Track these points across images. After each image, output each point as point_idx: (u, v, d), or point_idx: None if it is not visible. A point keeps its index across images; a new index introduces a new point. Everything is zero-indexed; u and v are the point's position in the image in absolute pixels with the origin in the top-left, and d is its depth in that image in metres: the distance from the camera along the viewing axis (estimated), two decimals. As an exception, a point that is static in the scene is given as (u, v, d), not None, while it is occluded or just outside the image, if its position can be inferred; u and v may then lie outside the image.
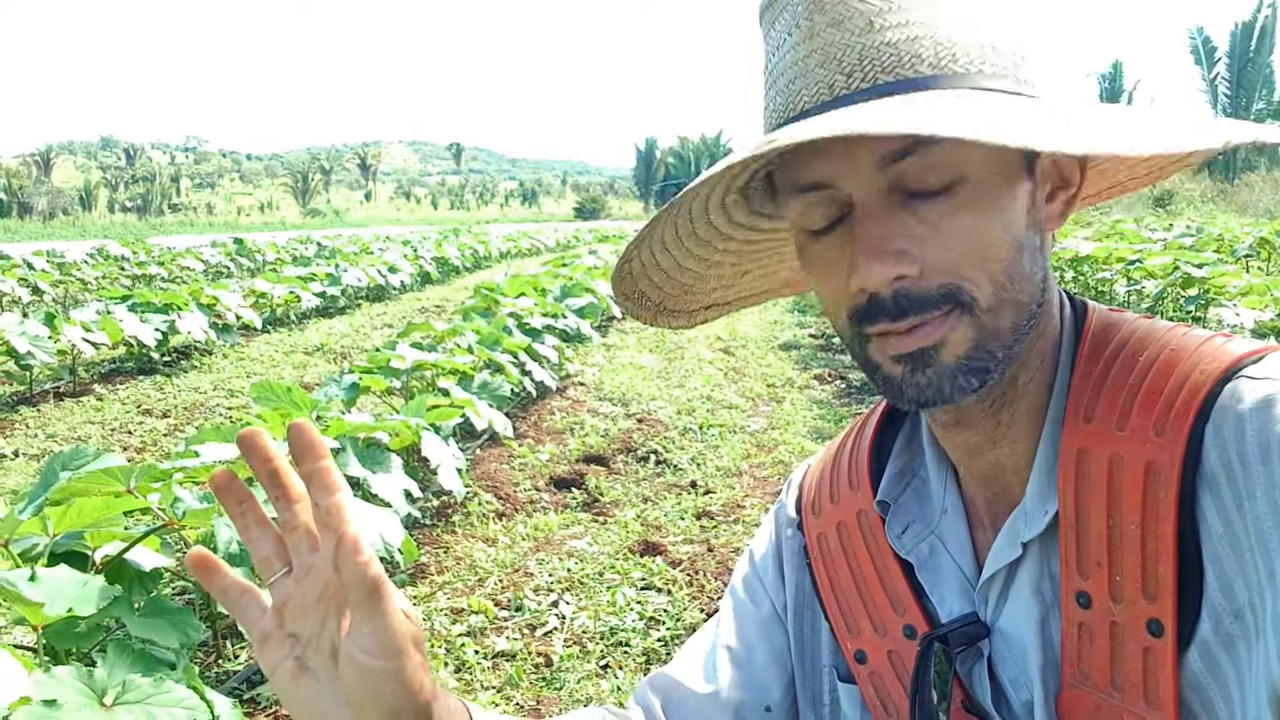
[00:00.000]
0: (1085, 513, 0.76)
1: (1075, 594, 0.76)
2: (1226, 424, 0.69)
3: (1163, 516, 0.71)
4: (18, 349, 6.45)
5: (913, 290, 0.72)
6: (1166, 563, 0.71)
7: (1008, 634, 0.84)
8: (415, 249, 19.68)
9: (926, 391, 0.75)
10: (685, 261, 0.92)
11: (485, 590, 3.70)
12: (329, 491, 0.68)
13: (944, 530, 0.90)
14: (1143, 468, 0.73)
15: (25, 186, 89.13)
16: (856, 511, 0.96)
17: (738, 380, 7.69)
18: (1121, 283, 11.23)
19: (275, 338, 10.63)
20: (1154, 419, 0.73)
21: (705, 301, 0.99)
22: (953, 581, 0.89)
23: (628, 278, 0.90)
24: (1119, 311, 0.84)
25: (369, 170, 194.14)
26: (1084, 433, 0.77)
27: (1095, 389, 0.78)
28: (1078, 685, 0.77)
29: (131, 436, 6.32)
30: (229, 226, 70.35)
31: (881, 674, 0.93)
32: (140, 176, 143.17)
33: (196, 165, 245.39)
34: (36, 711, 1.57)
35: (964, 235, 0.72)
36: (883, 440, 0.98)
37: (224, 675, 3.01)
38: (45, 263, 16.00)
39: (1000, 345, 0.75)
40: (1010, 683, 0.84)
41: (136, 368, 8.58)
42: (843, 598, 0.96)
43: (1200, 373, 0.73)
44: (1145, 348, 0.78)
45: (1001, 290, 0.73)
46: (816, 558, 0.99)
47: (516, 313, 7.25)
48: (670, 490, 4.90)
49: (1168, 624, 0.71)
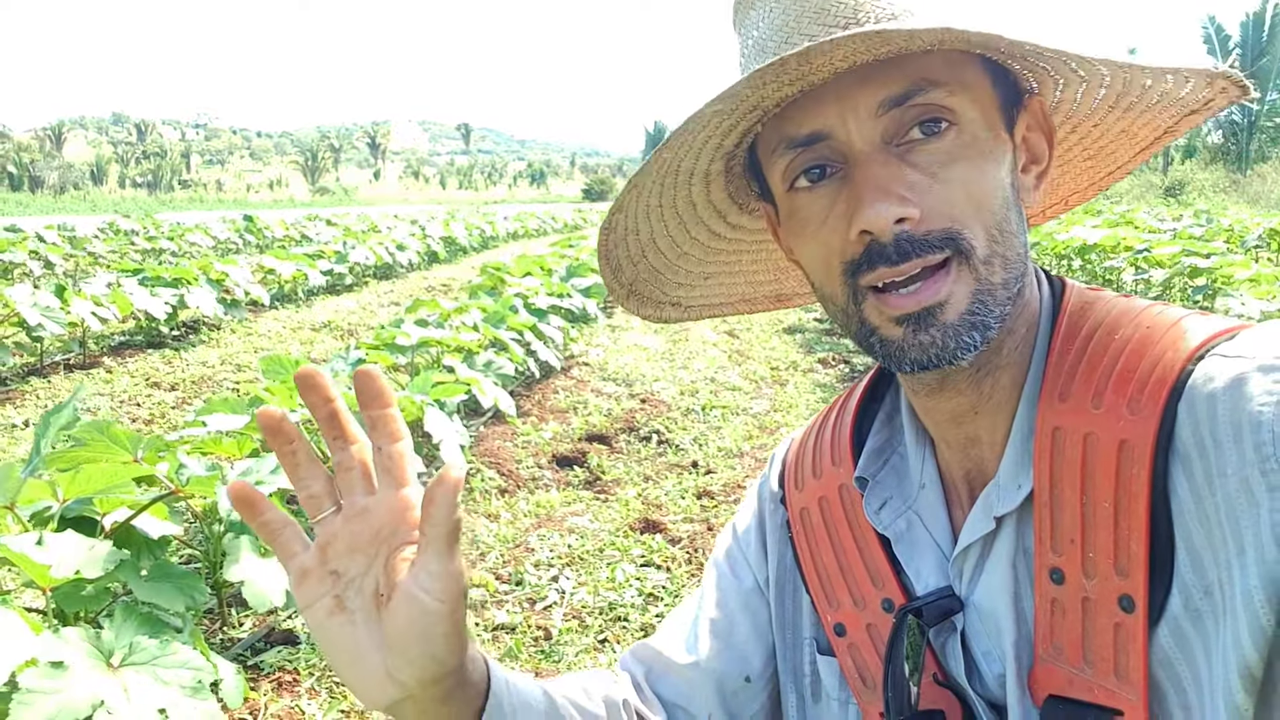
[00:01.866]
0: (1060, 490, 0.77)
1: (1049, 570, 0.77)
2: (1199, 402, 0.70)
3: (1135, 493, 0.72)
4: (29, 320, 6.49)
5: (914, 233, 0.73)
6: (1139, 539, 0.71)
7: (981, 608, 0.84)
8: (423, 228, 19.67)
9: (930, 351, 0.76)
10: (660, 240, 0.94)
11: (487, 564, 3.75)
12: (393, 439, 0.69)
13: (921, 505, 0.91)
14: (1116, 445, 0.73)
15: (37, 160, 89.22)
16: (838, 486, 0.97)
17: (741, 363, 7.71)
18: (1129, 271, 11.21)
19: (283, 314, 10.68)
20: (1128, 397, 0.74)
21: (670, 296, 1.02)
22: (929, 555, 0.90)
23: (611, 234, 0.91)
24: (1096, 290, 0.86)
25: (378, 149, 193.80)
26: (1059, 410, 0.78)
27: (1071, 367, 0.79)
28: (1050, 660, 0.78)
29: (140, 409, 6.37)
30: (238, 204, 70.36)
31: (860, 646, 0.94)
32: (151, 152, 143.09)
33: (207, 142, 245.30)
34: (44, 672, 1.61)
35: (959, 183, 0.74)
36: (865, 416, 0.99)
37: (229, 642, 3.06)
38: (57, 236, 16.05)
39: (995, 302, 0.76)
40: (983, 656, 0.85)
41: (146, 341, 8.64)
42: (823, 571, 0.97)
43: (1174, 351, 0.74)
44: (1121, 326, 0.78)
45: (994, 241, 0.75)
46: (798, 532, 1.01)
47: (523, 292, 7.28)
48: (672, 470, 4.94)
49: (1139, 599, 0.71)
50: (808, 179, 0.78)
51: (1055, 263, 13.93)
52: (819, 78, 0.73)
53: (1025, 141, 0.83)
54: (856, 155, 0.75)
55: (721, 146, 0.83)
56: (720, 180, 0.91)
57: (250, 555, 2.59)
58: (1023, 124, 0.82)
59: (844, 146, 0.75)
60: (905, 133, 0.75)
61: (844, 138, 0.75)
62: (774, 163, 0.80)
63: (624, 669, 1.05)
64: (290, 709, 2.71)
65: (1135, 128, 0.89)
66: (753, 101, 0.74)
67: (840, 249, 0.77)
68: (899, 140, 0.75)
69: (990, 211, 0.75)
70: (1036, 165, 0.85)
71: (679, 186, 0.88)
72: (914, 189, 0.74)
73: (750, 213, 0.97)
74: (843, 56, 0.69)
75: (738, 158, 0.89)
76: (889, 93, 0.73)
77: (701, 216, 0.95)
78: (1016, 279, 0.78)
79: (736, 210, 0.96)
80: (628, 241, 0.93)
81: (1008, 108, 0.80)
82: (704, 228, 0.96)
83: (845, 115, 0.74)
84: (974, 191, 0.75)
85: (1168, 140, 0.89)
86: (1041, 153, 0.85)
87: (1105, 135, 0.92)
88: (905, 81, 0.73)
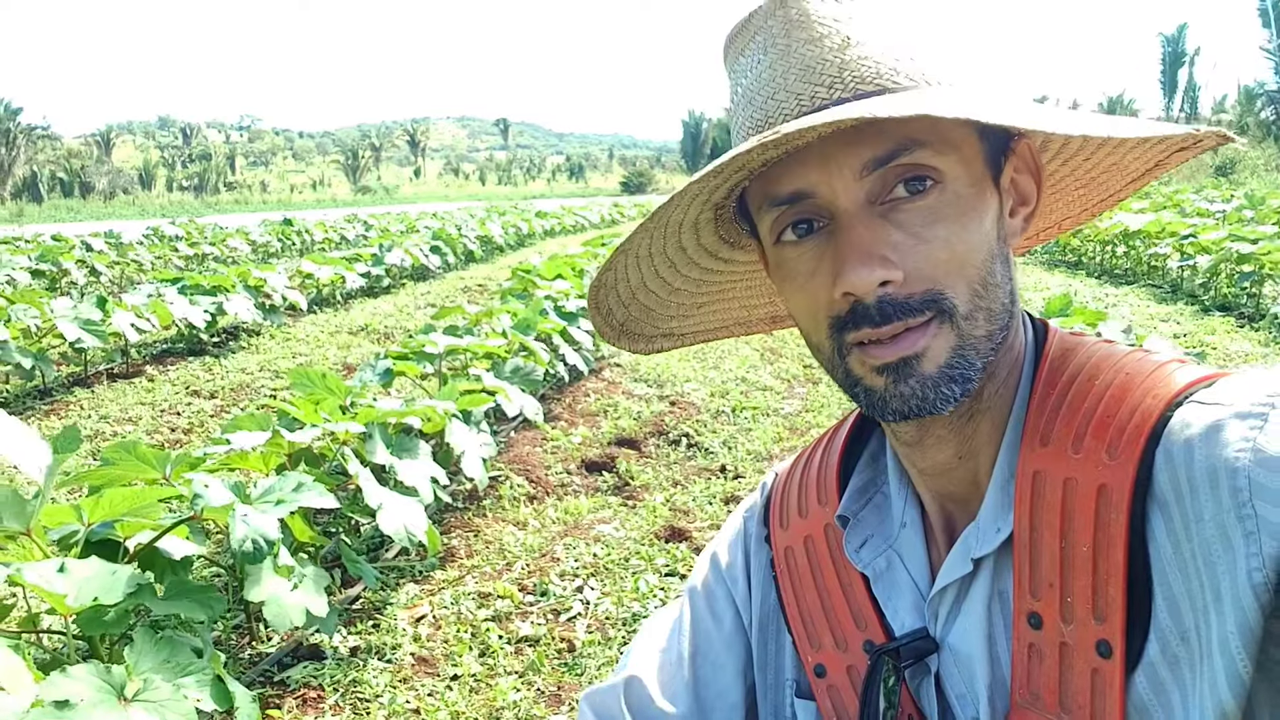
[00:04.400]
0: (1039, 534, 0.77)
1: (1027, 614, 0.77)
2: (1176, 448, 0.70)
3: (1114, 538, 0.72)
4: (66, 335, 6.62)
5: (896, 296, 0.74)
6: (1117, 584, 0.72)
7: (957, 650, 0.85)
8: (459, 228, 19.78)
9: (911, 401, 0.77)
10: (651, 282, 0.95)
11: (512, 575, 3.77)
12: None
13: (902, 545, 0.91)
14: (1095, 490, 0.74)
15: (87, 166, 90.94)
16: (823, 525, 0.97)
17: (774, 361, 7.68)
18: (1175, 257, 11.01)
19: (321, 318, 10.80)
20: (1107, 442, 0.74)
21: (663, 329, 1.02)
22: (907, 596, 0.90)
23: (601, 288, 0.92)
24: (1079, 335, 0.86)
25: (418, 147, 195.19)
26: (1040, 455, 0.78)
27: (1052, 412, 0.79)
28: (1027, 706, 0.78)
29: (179, 417, 6.48)
30: (282, 204, 71.23)
31: (839, 688, 0.94)
32: (197, 155, 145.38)
33: (251, 144, 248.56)
34: (48, 713, 1.63)
35: (943, 243, 0.75)
36: (850, 455, 0.99)
37: (256, 657, 3.11)
38: (103, 244, 16.35)
39: (977, 354, 0.77)
40: (957, 699, 0.85)
41: (187, 349, 8.78)
42: (806, 612, 0.97)
43: (1153, 398, 0.74)
44: (1101, 372, 0.79)
45: (977, 297, 0.76)
46: (782, 571, 1.00)
47: (553, 295, 7.30)
48: (700, 474, 4.93)
49: (1116, 645, 0.72)
50: (795, 233, 0.79)
51: (1099, 249, 13.70)
52: (803, 141, 0.74)
53: (1013, 184, 0.83)
54: (841, 214, 0.76)
55: (710, 201, 0.85)
56: (710, 226, 0.92)
57: (271, 576, 2.62)
58: (1010, 168, 0.82)
59: (828, 205, 0.76)
60: (890, 191, 0.75)
61: (829, 197, 0.76)
62: (761, 217, 0.82)
63: (598, 714, 1.03)
64: (314, 725, 2.75)
65: (1126, 161, 0.89)
66: (737, 164, 0.75)
67: (826, 305, 0.78)
68: (883, 199, 0.75)
69: (974, 267, 0.76)
70: (1025, 207, 0.85)
71: (668, 237, 0.89)
72: (897, 249, 0.74)
73: (742, 248, 0.97)
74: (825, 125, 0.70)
75: (726, 207, 0.89)
76: (873, 154, 0.74)
77: (693, 258, 0.95)
78: (1001, 330, 0.79)
79: (728, 248, 0.97)
80: (618, 290, 0.94)
81: (994, 155, 0.80)
82: (695, 267, 0.97)
83: (830, 176, 0.75)
84: (958, 249, 0.75)
85: (1159, 174, 0.90)
86: (1030, 194, 0.85)
87: (1097, 168, 0.92)
88: (889, 143, 0.74)
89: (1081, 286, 11.95)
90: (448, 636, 3.26)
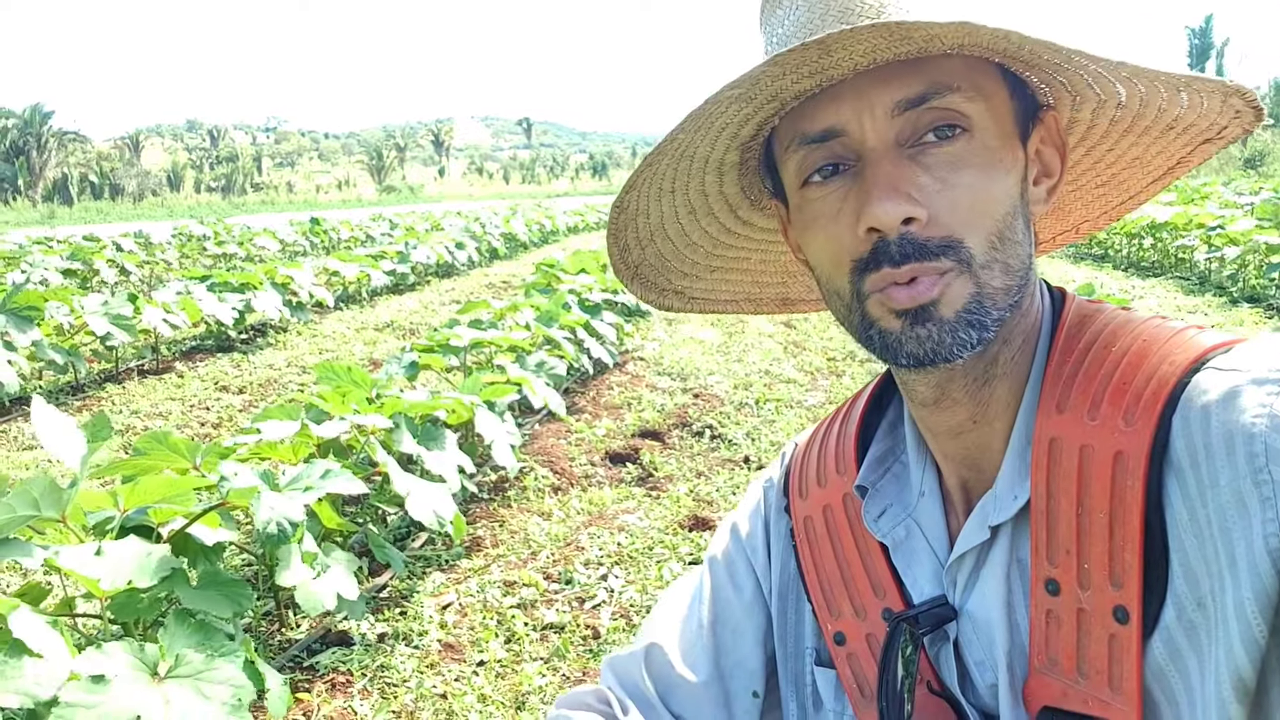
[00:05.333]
0: (1056, 501, 0.77)
1: (1044, 581, 0.78)
2: (1193, 414, 0.70)
3: (1130, 504, 0.72)
4: (96, 330, 6.72)
5: (917, 237, 0.74)
6: (1133, 550, 0.72)
7: (975, 617, 0.85)
8: (484, 225, 19.86)
9: (926, 344, 0.77)
10: (669, 226, 0.95)
11: (537, 563, 3.80)
12: None
13: (920, 513, 0.92)
14: (1111, 457, 0.74)
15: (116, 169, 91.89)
16: (842, 495, 0.97)
17: (797, 354, 7.68)
18: (1202, 249, 10.90)
19: (347, 315, 10.89)
20: (1124, 408, 0.74)
21: (675, 284, 1.03)
22: (926, 564, 0.90)
23: (623, 214, 0.92)
24: (1097, 303, 0.86)
25: (442, 146, 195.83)
26: (1056, 421, 0.78)
27: (1069, 378, 0.79)
28: (1045, 672, 0.78)
29: (209, 413, 6.56)
30: (308, 205, 71.66)
31: (859, 656, 0.95)
32: (224, 157, 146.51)
33: (277, 145, 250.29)
34: (84, 686, 1.67)
35: (966, 189, 0.75)
36: (869, 424, 1.00)
37: (286, 643, 3.16)
38: (133, 243, 16.54)
39: (994, 305, 0.77)
40: (976, 665, 0.86)
41: (216, 345, 8.88)
42: (825, 580, 0.98)
43: (1169, 364, 0.74)
44: (1118, 338, 0.79)
45: (994, 249, 0.76)
46: (802, 540, 1.01)
47: (576, 289, 7.33)
48: (724, 465, 4.94)
49: (1133, 611, 0.72)
50: (820, 175, 0.80)
51: (1126, 241, 13.59)
52: (838, 73, 0.74)
53: (1039, 154, 0.84)
54: (869, 153, 0.76)
55: (738, 136, 0.84)
56: (734, 173, 0.92)
57: (301, 561, 2.66)
58: (1037, 137, 0.83)
59: (858, 144, 0.77)
60: (920, 135, 0.76)
61: (858, 135, 0.76)
62: (788, 158, 0.82)
63: (623, 684, 1.05)
64: (343, 710, 2.79)
65: (1148, 155, 0.89)
66: (771, 91, 0.76)
67: (850, 246, 0.79)
68: (913, 142, 0.76)
69: (994, 219, 0.76)
70: (1048, 179, 0.86)
71: (693, 173, 0.90)
72: (923, 191, 0.75)
73: (761, 209, 0.98)
74: (863, 52, 0.71)
75: (753, 151, 0.89)
76: (906, 94, 0.75)
77: (712, 208, 0.96)
78: (1017, 287, 0.79)
79: (748, 205, 0.97)
80: (637, 223, 0.94)
81: (1023, 119, 0.81)
82: (714, 219, 0.97)
83: (861, 113, 0.76)
84: (980, 197, 0.76)
85: (1181, 172, 0.90)
86: (1054, 167, 0.86)
87: (1119, 161, 0.92)
88: (923, 84, 0.74)
89: (1108, 279, 11.86)
90: (474, 623, 3.30)
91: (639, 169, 0.86)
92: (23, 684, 1.65)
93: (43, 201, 68.21)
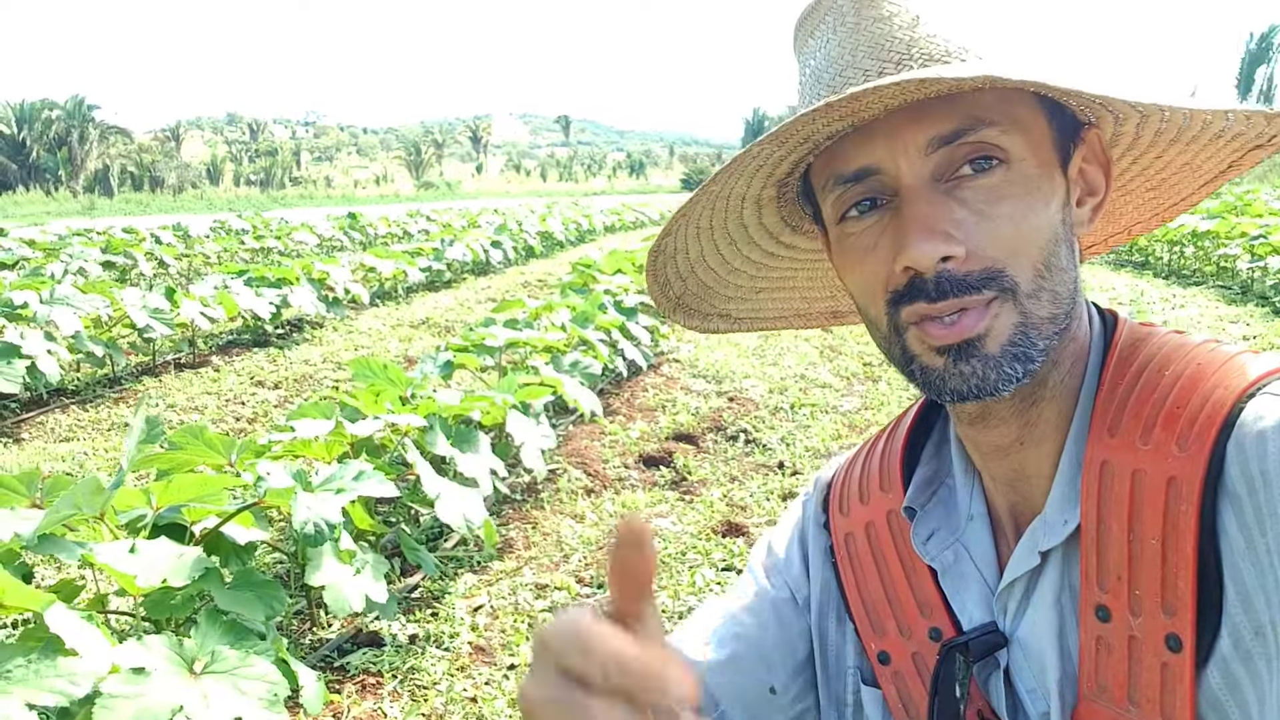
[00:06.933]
0: (1107, 525, 0.76)
1: (1095, 607, 0.77)
2: (1248, 440, 0.70)
3: (1183, 531, 0.71)
4: (136, 322, 6.79)
5: (955, 273, 0.74)
6: (1186, 577, 0.71)
7: (1026, 644, 0.84)
8: (520, 223, 19.93)
9: (970, 381, 0.76)
10: (710, 258, 0.95)
11: (569, 567, 3.78)
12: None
13: (968, 537, 0.91)
14: (1164, 482, 0.73)
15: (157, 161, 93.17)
16: (886, 512, 0.96)
17: (834, 358, 7.61)
18: (1244, 258, 10.71)
19: (383, 311, 10.94)
20: (1177, 434, 0.73)
21: (720, 309, 1.02)
22: (975, 589, 0.89)
23: (660, 255, 0.92)
24: (1149, 326, 0.84)
25: (479, 143, 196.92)
26: (1108, 445, 0.77)
27: (1121, 402, 0.78)
28: (1094, 699, 0.77)
29: (244, 407, 6.60)
30: (346, 199, 72.29)
31: (905, 675, 0.93)
32: (263, 151, 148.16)
33: (316, 139, 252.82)
34: (126, 678, 1.68)
35: (1006, 220, 0.74)
36: (914, 445, 0.99)
37: (317, 643, 3.15)
38: (172, 236, 16.74)
39: (1040, 335, 0.76)
40: (1027, 694, 0.84)
41: (252, 340, 8.95)
42: (868, 598, 0.97)
43: (1224, 389, 0.73)
44: (1172, 362, 0.78)
45: (1040, 278, 0.75)
46: (843, 557, 1.00)
47: (612, 290, 7.31)
48: (758, 470, 4.90)
49: (1186, 639, 0.71)
50: (858, 210, 0.79)
51: (1167, 249, 13.38)
52: (870, 114, 0.73)
53: (1081, 174, 0.82)
54: (905, 190, 0.75)
55: (773, 175, 0.84)
56: (772, 205, 0.92)
57: (332, 561, 2.65)
58: (1079, 157, 0.81)
59: (893, 181, 0.76)
60: (955, 169, 0.75)
61: (893, 173, 0.76)
62: (825, 196, 0.82)
63: None
64: (373, 711, 2.78)
65: (1199, 161, 0.87)
66: (803, 134, 0.75)
67: (885, 280, 0.78)
68: (949, 176, 0.75)
69: (1038, 247, 0.75)
70: (1093, 198, 0.84)
71: (730, 211, 0.89)
72: (961, 226, 0.74)
73: (805, 233, 0.97)
74: (893, 94, 0.70)
75: (790, 185, 0.89)
76: (940, 131, 0.74)
77: (753, 237, 0.95)
78: (1065, 314, 0.78)
79: (790, 231, 0.96)
80: (676, 260, 0.94)
81: (1063, 141, 0.79)
82: (756, 247, 0.97)
83: (895, 152, 0.75)
84: (1022, 228, 0.74)
85: (1233, 175, 0.88)
86: (1098, 185, 0.84)
87: (1168, 168, 0.90)
88: (957, 120, 0.73)
89: (1149, 287, 11.69)
90: (505, 626, 3.28)
91: (674, 216, 0.86)
92: (58, 683, 1.65)
93: (84, 192, 69.30)
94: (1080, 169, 0.82)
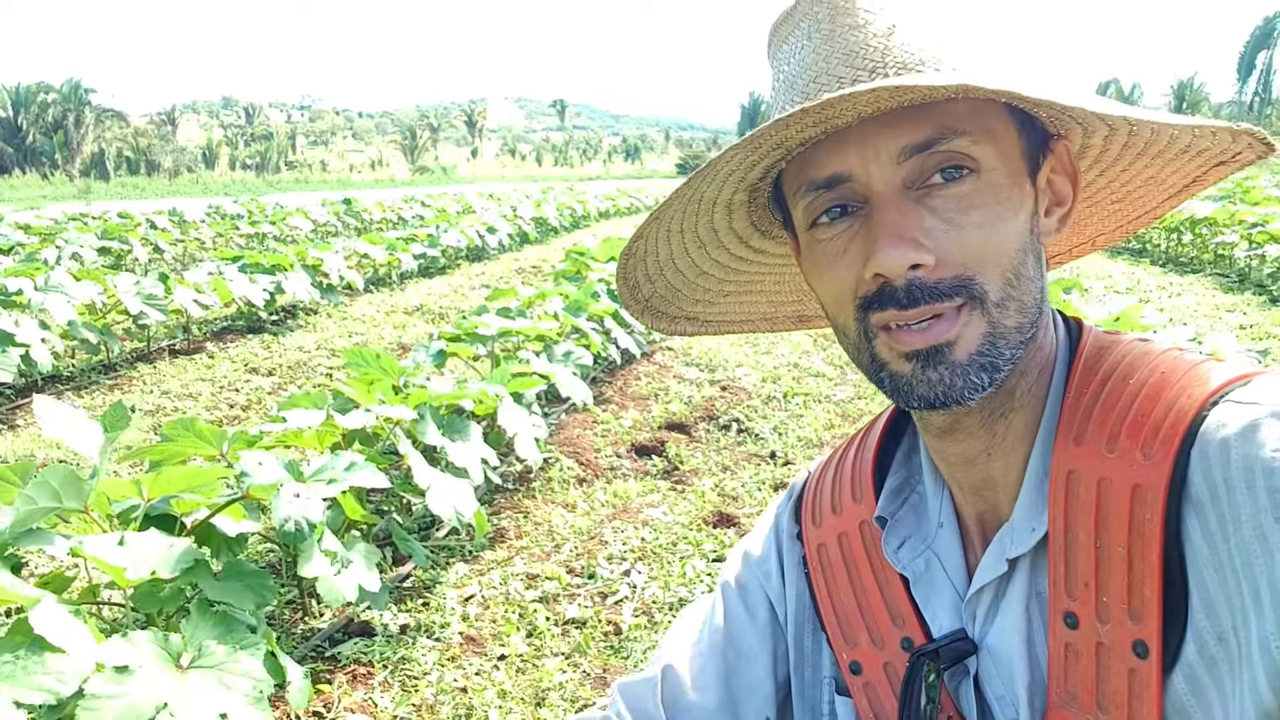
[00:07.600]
0: (1074, 534, 0.77)
1: (1063, 614, 0.77)
2: (1211, 447, 0.70)
3: (1149, 539, 0.72)
4: (130, 309, 6.78)
5: (926, 281, 0.74)
6: (1152, 584, 0.72)
7: (995, 651, 0.84)
8: (514, 209, 19.88)
9: (938, 388, 0.77)
10: (679, 260, 0.95)
11: (561, 557, 3.79)
12: None
13: (939, 545, 0.91)
14: (1130, 490, 0.73)
15: (153, 145, 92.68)
16: (859, 522, 0.97)
17: (827, 347, 7.62)
18: (1243, 246, 10.71)
19: (377, 297, 10.93)
20: (1141, 442, 0.74)
21: (687, 311, 1.03)
22: (946, 597, 0.90)
23: (631, 258, 0.93)
24: (1114, 334, 0.85)
25: (475, 127, 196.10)
26: (1074, 454, 0.78)
27: (1086, 411, 0.79)
28: (1063, 706, 0.78)
29: (238, 394, 6.60)
30: (341, 184, 71.97)
31: (876, 686, 0.94)
32: (259, 135, 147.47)
33: (311, 123, 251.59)
34: (109, 677, 1.68)
35: (975, 228, 0.75)
36: (885, 453, 0.99)
37: (309, 633, 3.17)
38: (167, 221, 16.68)
39: (1007, 344, 0.77)
40: (996, 700, 0.85)
41: (246, 326, 8.94)
42: (841, 609, 0.97)
43: (1188, 397, 0.74)
44: (1136, 370, 0.78)
45: (1009, 286, 0.76)
46: (815, 568, 1.00)
47: (605, 278, 7.31)
48: (750, 460, 4.92)
49: (1153, 645, 0.72)
50: (828, 216, 0.80)
51: (1165, 236, 13.38)
52: (843, 121, 0.74)
53: (1050, 184, 0.83)
54: (876, 198, 0.76)
55: (745, 179, 0.85)
56: (743, 210, 0.92)
57: (321, 553, 2.66)
58: (1047, 167, 0.82)
59: (864, 189, 0.77)
60: (926, 177, 0.75)
61: (865, 181, 0.76)
62: (796, 202, 0.82)
63: (630, 710, 1.03)
64: (364, 702, 2.79)
65: (1163, 175, 0.88)
66: (776, 140, 0.76)
67: (855, 286, 0.79)
68: (919, 185, 0.75)
69: (1007, 256, 0.76)
70: (1060, 208, 0.85)
71: (700, 214, 0.90)
72: (930, 234, 0.74)
73: (774, 238, 0.98)
74: (867, 102, 0.70)
75: (761, 190, 0.90)
76: (911, 139, 0.74)
77: (723, 241, 0.96)
78: (1031, 324, 0.79)
79: (759, 236, 0.97)
80: (646, 262, 0.95)
81: (1033, 152, 0.80)
82: (725, 251, 0.97)
83: (867, 160, 0.75)
84: (991, 237, 0.75)
85: (1197, 190, 0.89)
86: (1066, 195, 0.85)
87: (1133, 180, 0.91)
88: (929, 129, 0.74)
89: (1145, 274, 11.69)
90: (496, 616, 3.30)
91: (646, 221, 0.87)
92: (46, 680, 1.66)
93: (80, 176, 69.00)
94: (1049, 179, 0.82)
